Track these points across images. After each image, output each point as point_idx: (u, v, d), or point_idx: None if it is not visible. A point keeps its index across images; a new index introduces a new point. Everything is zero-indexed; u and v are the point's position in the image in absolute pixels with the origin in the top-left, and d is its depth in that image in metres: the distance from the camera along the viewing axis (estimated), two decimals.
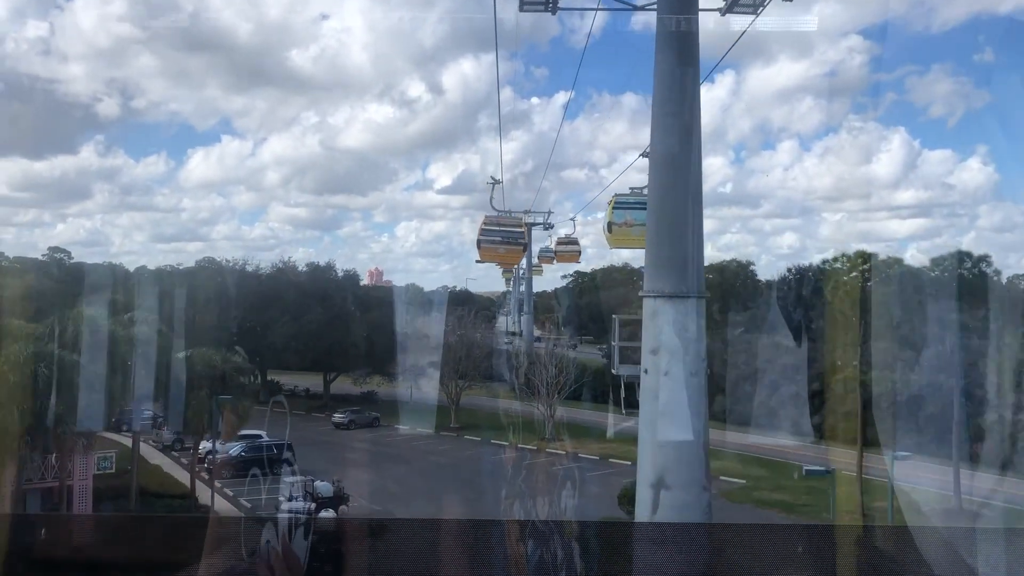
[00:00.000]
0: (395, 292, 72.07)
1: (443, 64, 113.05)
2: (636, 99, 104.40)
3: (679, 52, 15.29)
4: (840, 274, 42.96)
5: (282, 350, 58.60)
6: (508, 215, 40.16)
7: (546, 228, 64.41)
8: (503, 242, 34.99)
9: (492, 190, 39.89)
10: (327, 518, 23.51)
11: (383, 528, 4.15)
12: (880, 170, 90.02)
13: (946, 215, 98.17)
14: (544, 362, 49.28)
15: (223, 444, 38.84)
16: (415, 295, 71.57)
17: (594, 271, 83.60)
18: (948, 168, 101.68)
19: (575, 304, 78.32)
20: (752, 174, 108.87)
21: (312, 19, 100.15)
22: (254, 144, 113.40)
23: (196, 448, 37.46)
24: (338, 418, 53.52)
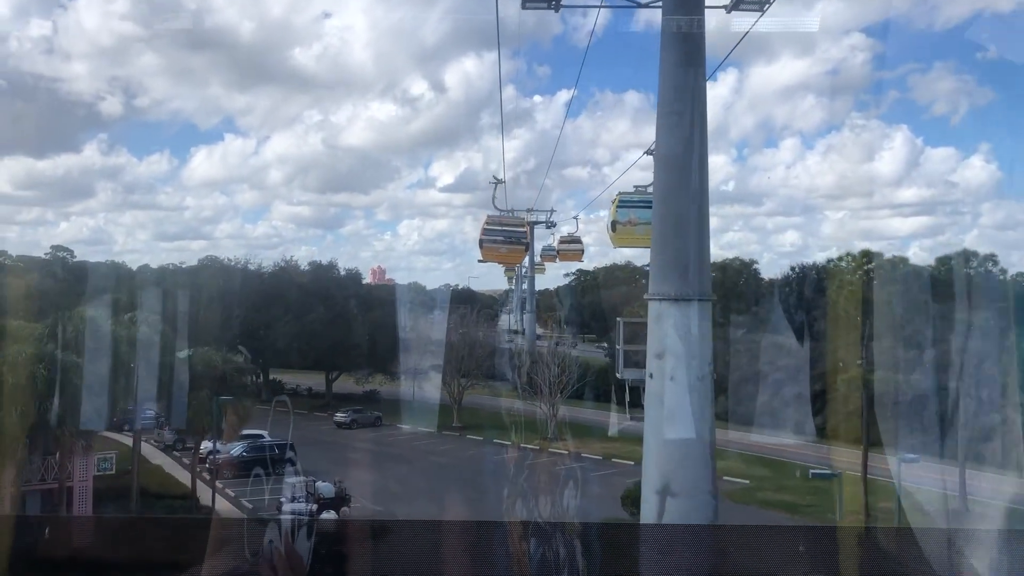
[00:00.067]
0: (397, 291, 72.01)
1: (445, 62, 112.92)
2: (638, 97, 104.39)
3: (684, 50, 15.04)
4: (844, 273, 42.73)
5: (284, 349, 58.59)
6: (510, 214, 39.99)
7: (548, 227, 64.33)
8: (505, 242, 34.86)
9: (494, 189, 39.69)
10: (329, 519, 23.36)
11: (385, 529, 4.11)
12: (882, 168, 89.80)
13: (949, 213, 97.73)
14: (546, 361, 49.09)
15: (224, 444, 38.67)
16: (417, 293, 71.46)
17: (596, 269, 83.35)
18: (951, 166, 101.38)
19: (577, 302, 78.14)
20: (754, 172, 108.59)
21: (314, 17, 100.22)
22: (257, 142, 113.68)
23: (197, 448, 37.30)
24: (340, 417, 53.28)
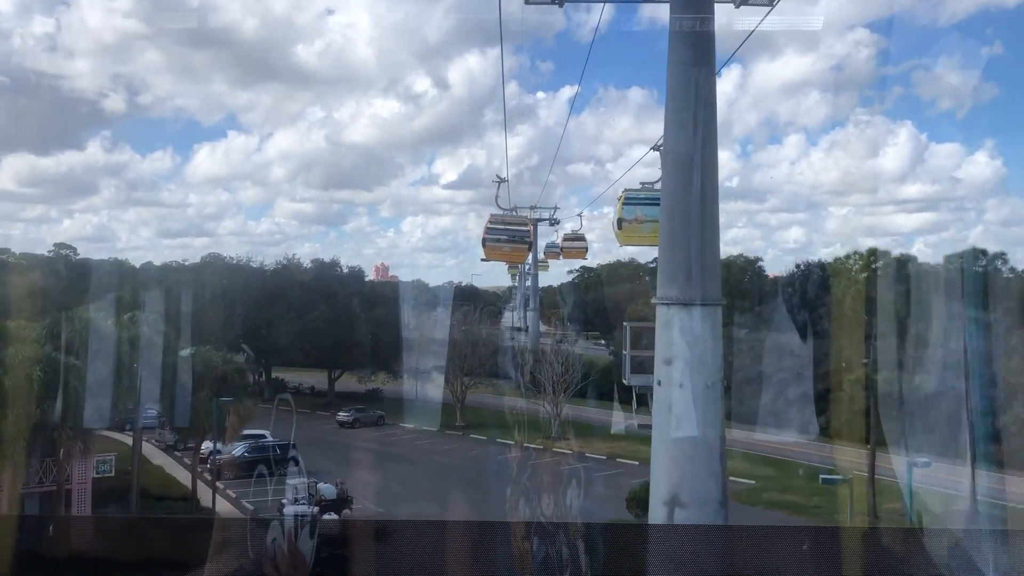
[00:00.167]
0: (400, 288, 71.65)
1: (448, 59, 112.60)
2: (642, 93, 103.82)
3: (693, 48, 14.60)
4: (852, 272, 42.27)
5: (287, 347, 58.45)
6: (514, 212, 39.60)
7: (552, 224, 64.03)
8: (509, 240, 34.50)
9: (498, 188, 39.27)
10: (332, 520, 23.03)
11: (388, 529, 4.10)
12: (887, 164, 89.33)
13: (953, 209, 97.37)
14: (550, 359, 48.74)
15: (226, 445, 38.40)
16: (420, 291, 71.11)
17: (600, 266, 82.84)
18: (956, 162, 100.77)
19: (580, 300, 77.76)
20: (758, 168, 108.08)
21: (317, 14, 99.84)
22: (260, 139, 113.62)
23: (198, 449, 37.03)
24: (342, 417, 52.98)
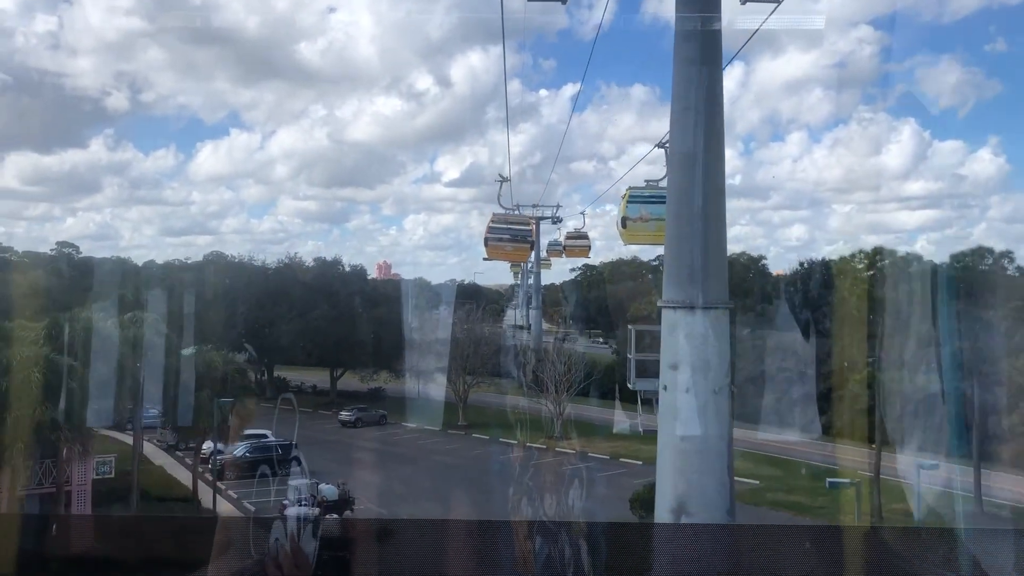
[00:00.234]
0: (402, 286, 71.45)
1: (451, 56, 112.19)
2: (645, 90, 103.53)
3: (699, 46, 14.31)
4: (856, 270, 42.02)
5: (289, 346, 58.35)
6: (516, 212, 39.44)
7: (555, 222, 63.87)
8: (511, 240, 34.35)
9: (500, 187, 39.10)
10: (334, 520, 22.84)
11: (390, 529, 4.10)
12: (890, 161, 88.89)
13: (956, 206, 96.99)
14: (552, 358, 48.51)
15: (227, 445, 38.24)
16: (422, 289, 70.92)
17: (602, 264, 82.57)
18: (958, 159, 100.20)
19: (583, 298, 77.60)
20: (761, 165, 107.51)
21: (320, 12, 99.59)
22: (262, 137, 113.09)
23: (199, 449, 36.86)
24: (345, 416, 52.78)
